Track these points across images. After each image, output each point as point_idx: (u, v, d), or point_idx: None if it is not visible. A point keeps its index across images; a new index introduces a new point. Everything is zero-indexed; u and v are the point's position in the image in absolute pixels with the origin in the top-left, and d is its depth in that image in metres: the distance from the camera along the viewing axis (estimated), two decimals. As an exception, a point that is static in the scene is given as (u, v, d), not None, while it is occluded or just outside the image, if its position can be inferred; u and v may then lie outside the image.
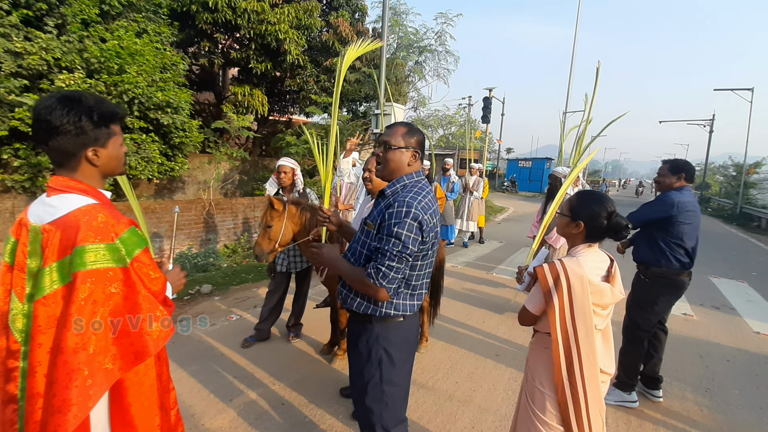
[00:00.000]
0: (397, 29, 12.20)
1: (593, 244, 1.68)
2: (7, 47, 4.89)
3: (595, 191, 1.79)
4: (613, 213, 1.63)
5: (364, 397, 1.71)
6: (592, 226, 1.63)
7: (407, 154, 1.66)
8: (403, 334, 1.71)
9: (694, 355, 3.85)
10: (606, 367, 1.65)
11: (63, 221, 1.10)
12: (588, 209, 1.64)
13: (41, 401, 1.06)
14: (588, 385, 1.57)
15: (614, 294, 1.61)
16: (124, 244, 1.14)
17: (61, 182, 1.15)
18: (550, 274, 1.60)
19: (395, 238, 1.51)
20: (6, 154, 5.37)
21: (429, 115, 15.88)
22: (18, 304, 1.10)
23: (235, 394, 2.81)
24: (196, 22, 9.01)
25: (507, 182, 29.22)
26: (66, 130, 1.09)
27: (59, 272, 1.08)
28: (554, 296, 1.58)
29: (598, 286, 1.58)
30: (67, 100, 1.10)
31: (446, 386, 3.07)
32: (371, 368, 1.68)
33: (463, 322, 4.36)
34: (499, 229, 11.56)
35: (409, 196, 1.58)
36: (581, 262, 1.59)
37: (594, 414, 1.59)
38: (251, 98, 10.07)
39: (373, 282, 1.54)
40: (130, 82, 5.65)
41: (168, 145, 6.83)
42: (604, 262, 1.68)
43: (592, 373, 1.57)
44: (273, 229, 2.84)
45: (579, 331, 1.56)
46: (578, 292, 1.55)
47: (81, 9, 5.76)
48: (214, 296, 4.78)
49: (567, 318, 1.57)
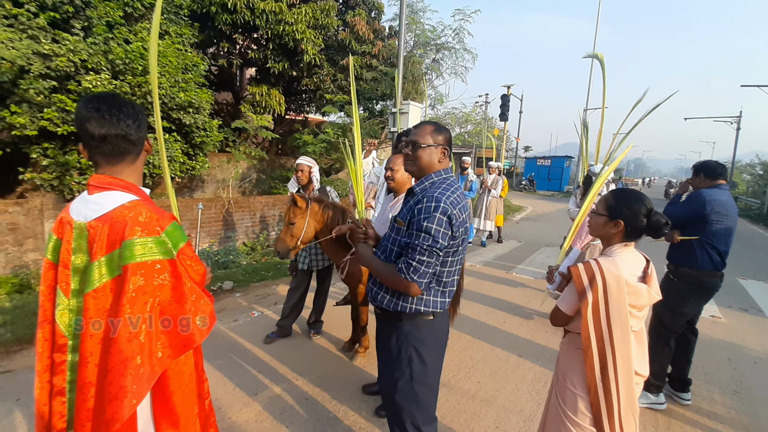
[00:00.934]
0: (414, 27, 12.13)
1: (630, 243, 1.63)
2: (35, 49, 5.04)
3: (631, 189, 1.75)
4: (652, 211, 1.59)
5: (394, 395, 1.71)
6: (631, 225, 1.59)
7: (436, 152, 1.68)
8: (434, 332, 1.70)
9: (723, 357, 3.74)
10: (640, 369, 1.62)
11: (109, 217, 1.14)
12: (627, 208, 1.59)
13: (93, 390, 1.09)
14: (622, 387, 1.54)
15: (651, 295, 1.57)
16: (169, 237, 1.18)
17: (102, 180, 1.19)
18: (585, 274, 1.56)
19: (425, 233, 1.53)
20: (35, 154, 5.55)
21: (446, 113, 15.76)
22: (64, 299, 1.14)
23: (259, 389, 2.83)
24: (216, 23, 9.15)
25: (525, 181, 28.79)
26: (135, 137, 1.21)
27: (108, 266, 1.12)
28: (589, 296, 1.54)
29: (635, 287, 1.54)
30: (134, 112, 1.21)
31: (468, 385, 3.03)
32: (401, 366, 1.68)
33: (484, 321, 4.30)
34: (518, 228, 11.40)
35: (438, 191, 1.59)
36: (617, 262, 1.55)
37: (627, 416, 1.56)
38: (268, 98, 10.17)
39: (405, 277, 1.55)
40: (154, 82, 5.77)
41: (189, 145, 6.96)
42: (640, 263, 1.63)
43: (627, 375, 1.54)
44: (296, 226, 2.85)
45: (615, 333, 1.52)
46: (614, 293, 1.51)
47: (106, 11, 5.91)
48: (235, 293, 4.84)
49: (602, 319, 1.53)
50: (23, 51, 4.92)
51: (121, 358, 1.06)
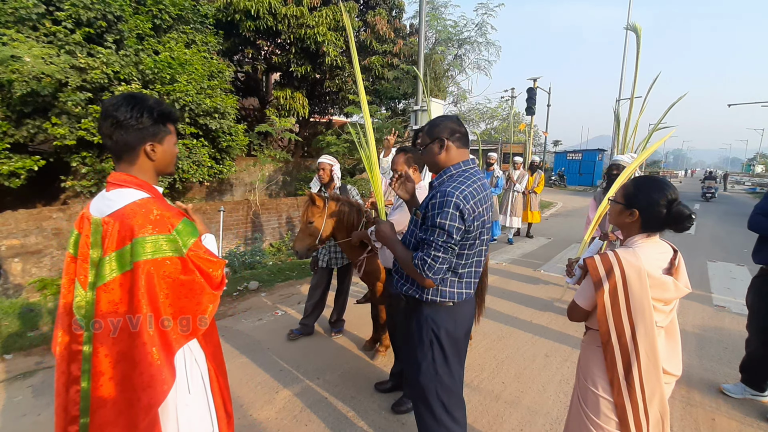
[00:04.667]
0: (435, 23, 12.00)
1: (652, 234, 1.52)
2: (72, 63, 5.33)
3: (655, 176, 1.63)
4: (675, 201, 1.46)
5: (418, 376, 1.75)
6: (649, 214, 1.48)
7: (433, 147, 1.69)
8: (454, 318, 1.72)
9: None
10: (670, 368, 1.50)
11: (120, 213, 1.18)
12: (645, 196, 1.49)
13: (104, 378, 1.17)
14: (647, 386, 1.44)
15: (678, 288, 1.45)
16: (180, 235, 1.21)
17: (118, 177, 1.23)
18: (602, 266, 1.47)
19: (438, 228, 1.54)
20: (75, 162, 5.87)
21: (470, 109, 15.52)
22: (81, 291, 1.19)
23: (280, 387, 2.87)
24: (240, 30, 9.38)
25: (555, 176, 27.92)
26: (129, 124, 1.20)
27: (118, 261, 1.17)
28: (606, 289, 1.45)
29: (659, 279, 1.43)
30: (132, 98, 1.23)
31: (492, 386, 2.96)
32: (423, 349, 1.73)
33: (509, 321, 4.19)
34: (547, 225, 11.06)
35: (452, 185, 1.58)
36: (638, 253, 1.45)
37: (655, 419, 1.46)
38: (292, 101, 10.34)
39: (420, 272, 1.58)
40: (181, 90, 5.98)
41: (216, 149, 7.17)
42: (666, 254, 1.51)
43: (653, 374, 1.44)
44: (313, 225, 2.87)
45: (637, 328, 1.43)
46: (635, 285, 1.41)
47: (136, 25, 6.17)
48: (261, 293, 4.94)
49: (623, 313, 1.44)
50: (61, 65, 5.21)
51: (146, 350, 1.14)
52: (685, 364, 3.33)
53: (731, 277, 5.96)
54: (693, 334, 3.95)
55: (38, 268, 5.92)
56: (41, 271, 5.92)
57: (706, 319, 4.37)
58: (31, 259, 5.86)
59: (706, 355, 3.53)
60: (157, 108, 1.25)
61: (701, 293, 5.24)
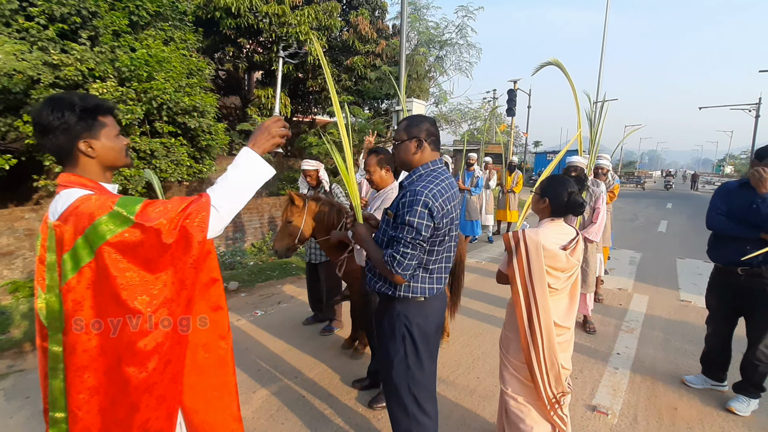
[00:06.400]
0: (418, 24, 12.09)
1: (557, 219, 1.99)
2: (45, 60, 5.19)
3: (561, 175, 2.15)
4: (573, 192, 1.93)
5: (390, 371, 1.80)
6: (555, 202, 1.95)
7: (410, 145, 1.73)
8: (425, 312, 1.77)
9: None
10: (562, 321, 1.95)
11: (66, 215, 1.15)
12: (552, 189, 1.97)
13: (87, 373, 1.17)
14: (544, 332, 1.88)
15: (570, 261, 1.91)
16: (122, 207, 1.14)
17: (64, 178, 1.21)
18: (513, 240, 1.95)
19: (408, 226, 1.59)
20: (47, 161, 5.71)
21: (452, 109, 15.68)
22: (41, 293, 1.20)
23: (258, 387, 2.88)
24: (221, 27, 9.27)
25: (535, 176, 28.41)
26: (53, 126, 1.16)
27: (72, 258, 1.14)
28: (515, 258, 1.92)
29: (552, 251, 1.88)
30: (51, 100, 1.18)
31: (467, 381, 3.04)
32: (396, 344, 1.78)
33: (486, 318, 4.29)
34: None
35: (422, 184, 1.63)
36: (540, 231, 1.93)
37: (550, 357, 1.89)
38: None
39: (389, 268, 1.63)
40: (159, 88, 5.88)
41: (196, 148, 7.07)
42: (567, 235, 1.98)
43: (548, 323, 1.89)
44: (293, 224, 2.89)
45: (536, 288, 1.88)
46: (533, 255, 1.88)
47: (112, 21, 6.04)
48: (241, 293, 4.92)
49: (526, 276, 1.90)
50: (33, 62, 5.07)
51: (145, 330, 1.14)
52: (651, 357, 3.50)
53: (698, 273, 6.22)
54: (660, 328, 4.13)
55: (10, 270, 5.75)
56: (13, 273, 5.75)
57: (672, 313, 4.57)
58: (2, 261, 5.68)
59: (671, 348, 3.70)
60: (80, 103, 1.18)
61: (669, 289, 5.47)
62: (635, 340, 3.82)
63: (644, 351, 3.61)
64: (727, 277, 2.79)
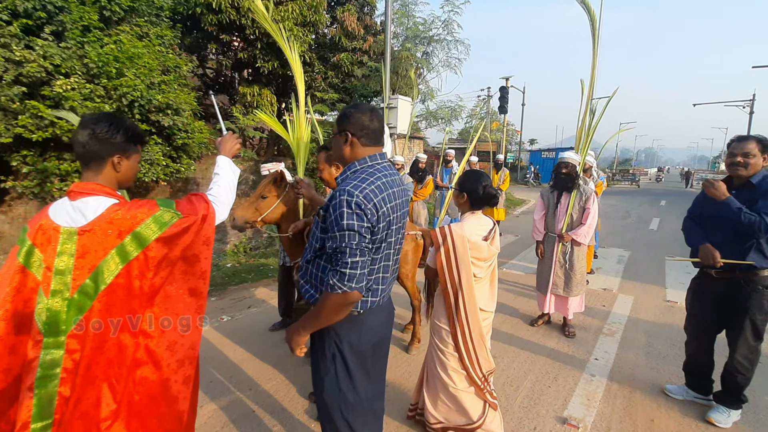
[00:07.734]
0: (406, 20, 11.90)
1: (476, 211, 2.16)
2: (7, 56, 4.99)
3: (476, 170, 2.29)
4: (486, 185, 2.10)
5: (321, 393, 1.59)
6: (472, 196, 2.11)
7: (339, 139, 1.54)
8: (358, 328, 1.55)
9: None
10: (486, 306, 2.16)
11: (99, 220, 1.28)
12: (469, 183, 2.12)
13: (79, 379, 1.25)
14: (470, 318, 2.08)
15: (490, 250, 2.11)
16: (165, 205, 1.38)
17: (85, 186, 1.32)
18: (440, 235, 2.08)
19: (348, 230, 1.36)
20: (15, 162, 5.51)
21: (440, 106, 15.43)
22: (44, 299, 1.23)
23: (207, 400, 2.69)
24: (202, 24, 9.05)
25: (529, 174, 28.26)
26: (104, 137, 1.34)
27: (120, 256, 1.28)
28: (442, 251, 2.08)
29: (476, 244, 2.06)
30: (113, 118, 1.39)
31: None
32: (326, 363, 1.56)
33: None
34: (518, 221, 11.14)
35: (352, 183, 1.41)
36: (464, 225, 2.09)
37: (477, 341, 2.11)
38: (260, 98, 10.06)
39: (341, 291, 1.38)
40: (129, 85, 5.68)
41: (172, 147, 6.87)
42: (486, 226, 2.17)
43: (473, 309, 2.08)
44: (266, 201, 2.64)
45: (462, 278, 2.05)
46: (460, 248, 2.04)
47: (81, 16, 5.83)
48: (211, 297, 4.73)
49: (453, 267, 2.06)
50: (-5, 59, 4.87)
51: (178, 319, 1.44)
52: (632, 363, 3.34)
53: (687, 272, 6.06)
54: (643, 331, 3.97)
55: (-26, 275, 5.56)
56: (-22, 278, 5.56)
57: (657, 314, 4.41)
58: (-35, 264, 5.49)
59: (653, 352, 3.53)
60: (132, 129, 1.42)
61: (656, 288, 5.31)
62: (616, 345, 3.65)
63: (624, 356, 3.44)
64: (709, 282, 2.62)
